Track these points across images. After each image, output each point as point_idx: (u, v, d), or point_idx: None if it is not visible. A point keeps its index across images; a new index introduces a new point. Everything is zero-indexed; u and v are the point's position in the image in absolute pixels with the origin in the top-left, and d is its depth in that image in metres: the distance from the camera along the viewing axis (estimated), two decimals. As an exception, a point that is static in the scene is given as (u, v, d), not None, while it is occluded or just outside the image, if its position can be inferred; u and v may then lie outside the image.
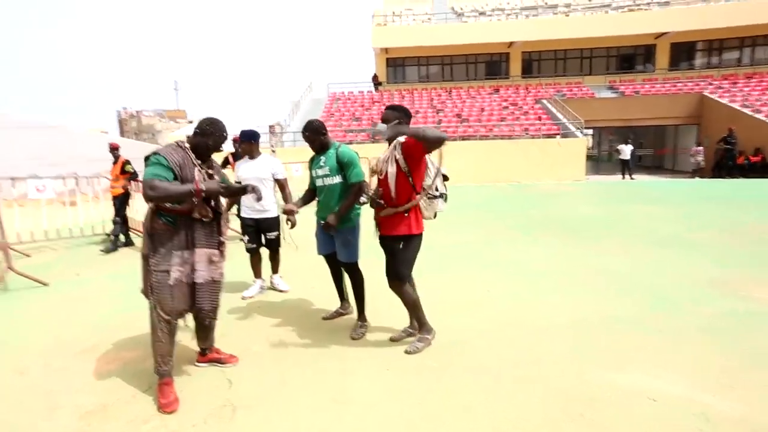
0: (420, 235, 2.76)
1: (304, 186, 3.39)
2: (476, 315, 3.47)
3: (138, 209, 6.72)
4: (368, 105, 20.80)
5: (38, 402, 2.46)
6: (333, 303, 3.63)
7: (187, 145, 2.45)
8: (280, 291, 4.14)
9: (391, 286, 2.79)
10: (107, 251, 6.13)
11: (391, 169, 2.63)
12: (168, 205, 2.34)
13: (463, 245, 5.79)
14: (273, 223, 3.96)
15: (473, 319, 3.38)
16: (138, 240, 6.60)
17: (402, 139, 2.60)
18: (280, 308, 3.79)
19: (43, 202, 6.65)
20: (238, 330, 3.35)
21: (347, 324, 3.37)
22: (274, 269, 4.19)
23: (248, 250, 4.02)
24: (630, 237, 6.04)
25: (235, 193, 2.54)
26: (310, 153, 3.23)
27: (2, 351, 3.13)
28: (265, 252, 4.10)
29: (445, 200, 2.84)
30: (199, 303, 2.48)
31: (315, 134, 3.10)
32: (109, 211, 6.57)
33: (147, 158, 2.34)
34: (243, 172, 3.88)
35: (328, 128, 3.23)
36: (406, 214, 2.66)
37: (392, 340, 3.02)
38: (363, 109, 20.15)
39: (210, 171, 2.50)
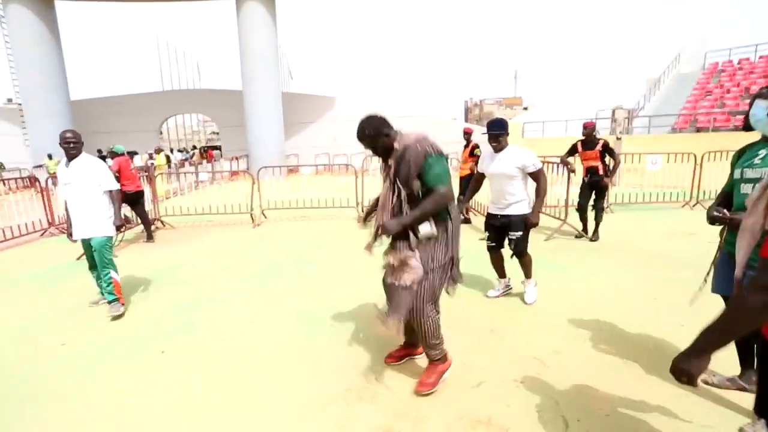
0: None
1: (659, 182, 2.34)
2: None
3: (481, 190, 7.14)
4: (775, 74, 14.66)
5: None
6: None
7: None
8: (525, 303, 3.63)
9: None
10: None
11: None
12: None
13: None
14: (518, 222, 3.41)
15: None
16: (474, 219, 7.11)
17: None
18: (524, 315, 3.34)
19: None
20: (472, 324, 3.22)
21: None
22: (526, 273, 3.70)
23: (488, 248, 3.72)
24: None
25: None
26: (670, 141, 2.13)
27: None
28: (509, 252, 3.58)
29: None
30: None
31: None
32: (457, 190, 7.27)
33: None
34: (487, 167, 3.52)
35: (699, 110, 1.95)
36: None
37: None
38: (766, 81, 14.39)
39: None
